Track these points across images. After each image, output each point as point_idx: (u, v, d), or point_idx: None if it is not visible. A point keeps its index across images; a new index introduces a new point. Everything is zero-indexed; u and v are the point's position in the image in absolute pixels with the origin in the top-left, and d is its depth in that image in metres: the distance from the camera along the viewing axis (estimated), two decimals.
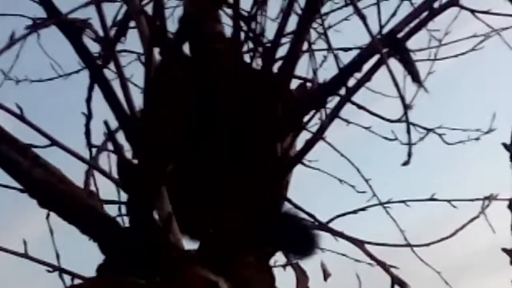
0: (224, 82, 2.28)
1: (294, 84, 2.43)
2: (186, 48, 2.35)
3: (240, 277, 1.87)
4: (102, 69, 2.08)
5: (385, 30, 2.15)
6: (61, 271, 2.07)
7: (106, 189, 2.24)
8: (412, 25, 2.15)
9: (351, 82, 2.22)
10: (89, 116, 2.22)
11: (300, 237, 2.23)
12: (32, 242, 2.13)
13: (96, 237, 1.73)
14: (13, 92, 2.77)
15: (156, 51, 2.00)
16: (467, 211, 2.50)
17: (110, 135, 1.73)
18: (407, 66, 2.07)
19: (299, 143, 2.30)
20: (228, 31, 2.44)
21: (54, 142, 1.87)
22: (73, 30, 1.90)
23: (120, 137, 1.94)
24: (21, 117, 1.83)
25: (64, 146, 1.88)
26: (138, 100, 2.04)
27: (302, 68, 2.60)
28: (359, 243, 2.30)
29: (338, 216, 2.47)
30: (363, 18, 1.82)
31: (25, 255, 2.03)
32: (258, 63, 2.48)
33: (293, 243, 2.23)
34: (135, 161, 1.79)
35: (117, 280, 1.51)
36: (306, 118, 2.26)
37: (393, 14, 2.31)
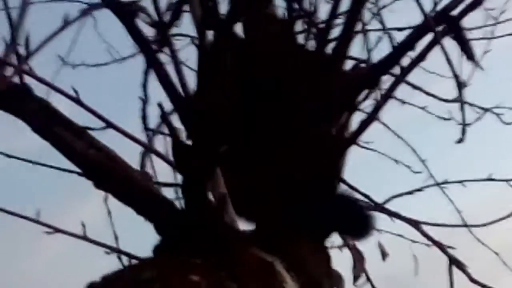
0: (277, 64, 2.27)
1: (348, 65, 2.43)
2: (239, 30, 2.36)
3: (295, 258, 1.87)
4: (157, 53, 2.10)
5: (439, 8, 2.12)
6: (119, 252, 2.10)
7: (162, 172, 2.26)
8: (467, 2, 2.12)
9: (406, 62, 2.20)
10: (145, 100, 2.24)
11: (356, 218, 2.22)
12: (91, 225, 2.17)
13: (152, 218, 1.74)
14: (70, 77, 2.80)
15: (210, 33, 2.01)
16: None
17: (164, 117, 1.73)
18: (461, 44, 2.04)
19: (354, 124, 2.29)
20: (281, 12, 2.44)
21: (109, 124, 1.89)
22: (127, 13, 1.91)
23: (175, 120, 1.96)
24: (77, 100, 1.85)
25: (119, 128, 1.90)
26: (192, 83, 2.06)
27: (356, 49, 2.59)
28: (415, 224, 2.29)
29: (394, 197, 2.45)
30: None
31: (84, 237, 2.06)
32: (311, 44, 2.47)
33: (348, 224, 2.22)
34: (189, 143, 1.80)
35: (172, 259, 1.52)
36: (360, 98, 2.24)
37: None
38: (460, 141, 1.83)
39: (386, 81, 2.28)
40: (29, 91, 1.71)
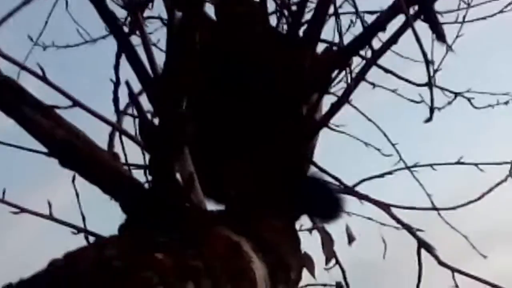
0: (249, 45, 2.26)
1: (320, 48, 2.42)
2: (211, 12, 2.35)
3: (264, 239, 1.87)
4: (127, 35, 2.08)
5: None
6: (86, 232, 2.08)
7: (133, 153, 2.25)
8: None
9: (377, 45, 2.20)
10: (117, 83, 2.22)
11: (326, 200, 2.22)
12: (60, 207, 2.15)
13: (118, 197, 1.73)
14: (40, 59, 2.78)
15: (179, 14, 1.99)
16: (495, 175, 2.48)
17: (132, 96, 1.72)
18: (432, 25, 2.04)
19: (326, 107, 2.30)
20: None
21: (76, 103, 1.88)
22: None
23: (143, 100, 1.95)
24: (44, 78, 1.83)
25: (87, 107, 1.89)
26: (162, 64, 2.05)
27: (329, 32, 2.58)
28: (385, 207, 2.29)
29: (365, 180, 2.46)
30: None
31: (50, 217, 2.05)
32: (284, 27, 2.47)
33: (318, 206, 2.22)
34: (157, 122, 1.79)
35: (137, 238, 1.51)
36: (331, 80, 2.24)
37: None
38: (428, 120, 1.83)
39: (358, 64, 2.29)
40: None
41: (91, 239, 2.09)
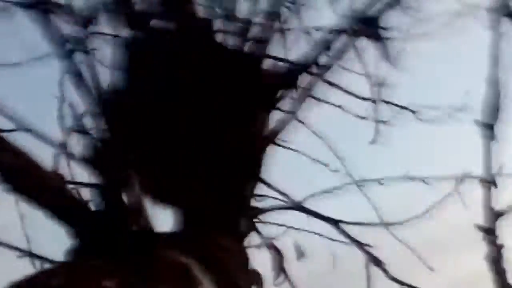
0: (196, 61, 2.25)
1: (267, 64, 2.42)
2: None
3: (213, 258, 1.86)
4: (73, 52, 2.07)
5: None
6: (31, 255, 2.04)
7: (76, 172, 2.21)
8: (384, 1, 2.14)
9: (324, 61, 2.21)
10: (62, 100, 2.19)
11: None
12: (4, 228, 2.11)
13: (65, 220, 1.70)
14: None
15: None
16: (442, 189, 2.50)
17: (78, 118, 1.70)
18: (378, 43, 2.06)
19: (273, 123, 2.30)
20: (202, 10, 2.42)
21: (21, 127, 1.85)
22: (43, 11, 1.88)
23: (89, 120, 1.93)
24: None
25: (31, 129, 1.86)
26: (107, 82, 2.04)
27: (275, 48, 2.58)
28: (335, 222, 2.30)
29: (313, 195, 2.46)
30: None
31: None
32: (231, 42, 2.46)
33: None
34: (105, 145, 1.77)
35: (84, 264, 1.49)
36: (279, 97, 2.25)
37: None
38: (373, 141, 1.85)
39: (305, 80, 2.29)
40: None
41: (37, 261, 2.05)
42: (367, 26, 2.05)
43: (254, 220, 2.30)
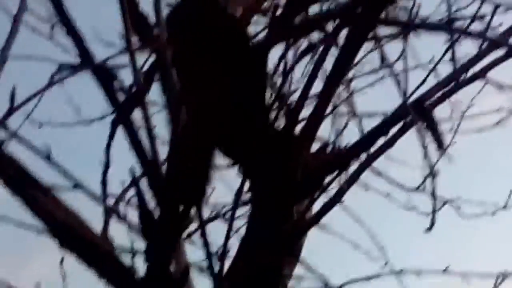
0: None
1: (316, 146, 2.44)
2: None
3: None
4: (130, 114, 2.12)
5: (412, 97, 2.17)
6: None
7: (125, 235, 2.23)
8: (438, 94, 2.16)
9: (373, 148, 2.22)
10: (107, 165, 2.22)
11: None
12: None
13: (111, 284, 1.72)
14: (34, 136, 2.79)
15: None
16: (481, 286, 2.48)
17: (134, 182, 1.73)
18: (433, 133, 2.07)
19: (317, 206, 2.30)
20: None
21: (77, 185, 1.88)
22: (106, 76, 1.93)
23: (143, 185, 1.96)
24: (48, 158, 1.84)
25: (87, 189, 1.90)
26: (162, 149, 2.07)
27: (325, 130, 2.61)
28: None
29: (351, 281, 2.45)
30: (398, 83, 1.84)
31: None
32: (280, 123, 2.49)
33: None
34: (157, 210, 1.80)
35: None
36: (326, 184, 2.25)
37: (422, 83, 2.32)
38: (428, 229, 1.85)
39: (352, 165, 2.30)
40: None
41: None
42: (422, 115, 2.07)
43: None
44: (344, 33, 2.14)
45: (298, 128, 2.35)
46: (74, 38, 2.03)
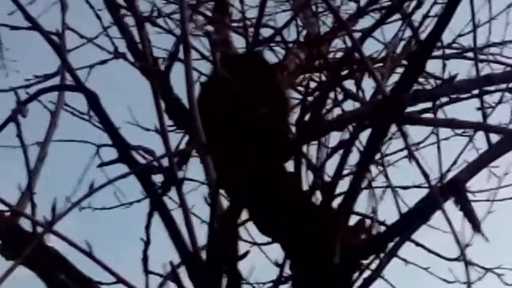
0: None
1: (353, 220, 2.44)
2: None
3: None
4: (162, 196, 2.14)
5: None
6: None
7: None
8: (473, 171, 2.16)
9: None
10: (147, 243, 2.24)
11: None
12: None
13: None
14: (75, 219, 2.82)
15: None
16: None
17: (174, 274, 1.75)
18: (467, 214, 2.06)
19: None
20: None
21: (120, 280, 1.90)
22: (144, 170, 1.96)
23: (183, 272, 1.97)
24: (89, 254, 1.86)
25: (129, 283, 1.91)
26: (200, 232, 2.09)
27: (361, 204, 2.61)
28: None
29: None
30: (425, 175, 1.85)
31: None
32: (317, 197, 2.49)
33: None
34: None
35: None
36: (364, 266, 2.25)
37: (454, 162, 2.32)
38: None
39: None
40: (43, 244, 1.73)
41: None
42: (456, 197, 2.07)
43: None
44: None
45: (335, 203, 2.37)
46: (110, 133, 2.07)
